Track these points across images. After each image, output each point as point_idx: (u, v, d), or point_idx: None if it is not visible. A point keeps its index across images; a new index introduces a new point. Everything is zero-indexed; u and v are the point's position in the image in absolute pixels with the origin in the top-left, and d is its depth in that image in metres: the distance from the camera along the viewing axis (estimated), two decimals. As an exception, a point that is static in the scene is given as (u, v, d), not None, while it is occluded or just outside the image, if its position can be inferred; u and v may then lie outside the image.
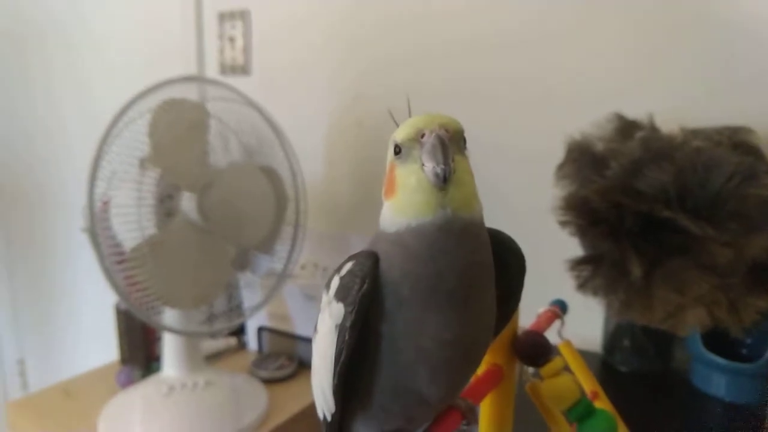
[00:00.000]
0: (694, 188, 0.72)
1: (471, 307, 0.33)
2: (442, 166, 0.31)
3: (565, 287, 0.78)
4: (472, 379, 0.42)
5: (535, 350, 0.41)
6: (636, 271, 0.70)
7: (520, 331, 0.43)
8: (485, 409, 0.43)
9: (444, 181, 0.31)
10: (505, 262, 0.37)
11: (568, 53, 1.01)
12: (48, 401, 1.19)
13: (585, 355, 0.99)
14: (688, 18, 0.92)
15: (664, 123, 0.85)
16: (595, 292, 0.74)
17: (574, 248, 0.80)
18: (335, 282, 0.34)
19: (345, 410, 0.36)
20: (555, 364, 0.41)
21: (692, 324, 0.70)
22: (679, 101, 0.92)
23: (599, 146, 0.82)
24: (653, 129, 0.83)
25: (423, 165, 0.31)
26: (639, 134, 0.80)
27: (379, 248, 0.33)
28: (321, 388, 0.36)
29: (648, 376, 0.93)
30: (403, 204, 0.33)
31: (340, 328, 0.33)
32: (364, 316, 0.33)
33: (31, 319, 2.06)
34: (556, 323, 0.52)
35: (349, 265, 0.34)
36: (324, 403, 0.36)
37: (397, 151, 0.33)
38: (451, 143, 0.32)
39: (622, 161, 0.77)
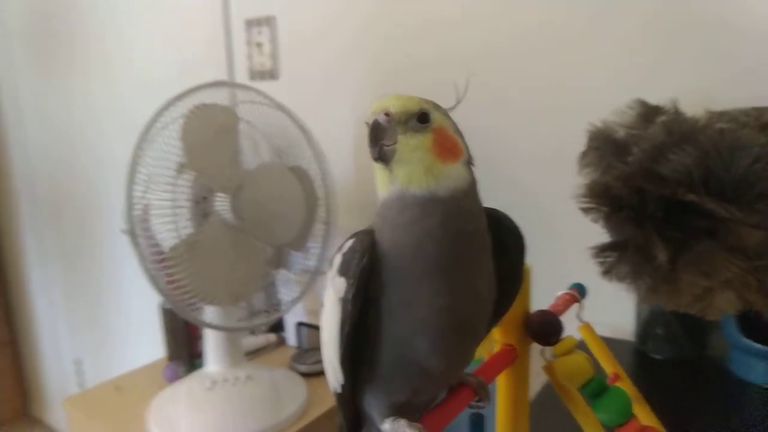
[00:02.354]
0: (719, 171, 0.71)
1: (461, 275, 0.34)
2: (370, 149, 0.35)
3: (593, 275, 0.78)
4: (486, 359, 0.44)
5: (546, 328, 0.42)
6: (661, 255, 0.70)
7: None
8: (501, 389, 0.44)
9: (378, 160, 0.35)
10: (504, 240, 0.39)
11: (590, 44, 1.01)
12: (101, 397, 1.26)
13: (618, 343, 0.99)
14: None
15: (690, 107, 0.84)
16: (620, 279, 0.74)
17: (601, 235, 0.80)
18: (338, 258, 0.37)
19: (354, 382, 0.38)
20: (567, 342, 0.42)
21: (721, 308, 0.69)
22: (705, 84, 0.91)
23: (621, 133, 0.82)
24: (677, 113, 0.82)
25: None
26: (661, 118, 0.80)
27: (374, 222, 0.36)
28: (329, 360, 0.38)
29: (683, 364, 0.92)
30: (377, 180, 0.36)
31: (343, 301, 0.35)
32: (364, 289, 0.35)
33: (86, 321, 2.16)
34: (575, 307, 0.52)
35: (350, 242, 0.36)
36: (333, 375, 0.38)
37: None
38: (394, 125, 0.35)
39: (644, 146, 0.77)
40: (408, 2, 1.20)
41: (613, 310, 0.94)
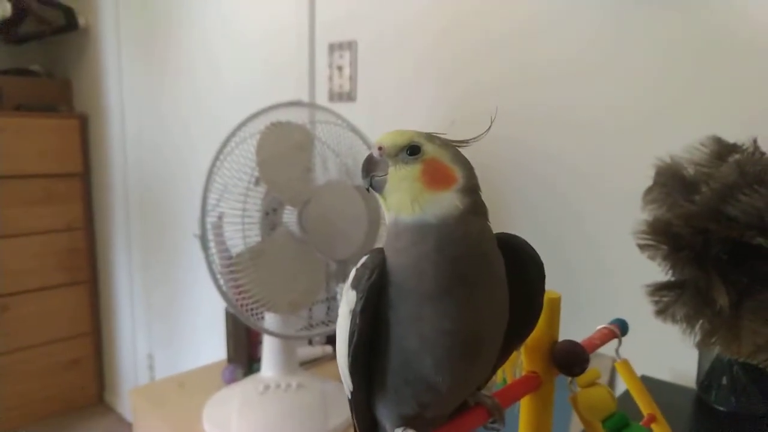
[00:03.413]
0: (795, 215, 0.68)
1: (465, 298, 0.35)
2: (362, 179, 0.40)
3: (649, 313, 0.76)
4: (508, 383, 0.44)
5: (569, 358, 0.41)
6: (722, 299, 0.67)
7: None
8: (523, 415, 0.44)
9: (371, 190, 0.39)
10: (523, 266, 0.39)
11: (667, 76, 0.98)
12: (165, 390, 1.34)
13: (677, 390, 0.94)
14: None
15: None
16: (675, 320, 0.71)
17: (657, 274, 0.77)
18: (352, 273, 0.39)
19: (368, 391, 0.40)
20: (590, 374, 0.41)
21: (786, 360, 0.65)
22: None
23: (690, 170, 0.79)
24: (754, 152, 0.78)
25: None
26: (735, 157, 0.76)
27: (384, 243, 0.39)
28: (341, 368, 0.40)
29: (750, 419, 0.86)
30: None
31: (353, 313, 0.37)
32: (374, 303, 0.37)
33: (161, 318, 2.29)
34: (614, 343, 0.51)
35: (364, 259, 0.38)
36: (344, 382, 0.40)
37: None
38: (386, 158, 0.39)
39: (714, 186, 0.74)
40: (481, 21, 1.21)
41: (676, 353, 0.90)
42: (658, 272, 0.78)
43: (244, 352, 1.37)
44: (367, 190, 0.39)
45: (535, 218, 1.15)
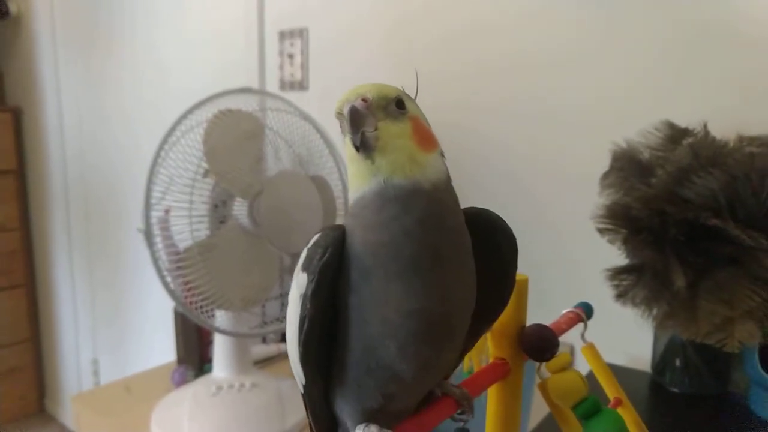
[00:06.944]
0: (747, 196, 0.69)
1: (436, 277, 0.32)
2: (352, 136, 0.32)
3: (608, 297, 0.76)
4: (475, 371, 0.42)
5: (540, 343, 0.39)
6: (679, 281, 0.67)
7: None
8: (491, 405, 0.42)
9: (361, 149, 0.32)
10: (495, 242, 0.37)
11: (618, 61, 0.99)
12: (110, 396, 1.27)
13: (634, 373, 0.95)
14: (743, 18, 0.88)
15: (721, 130, 0.81)
16: (635, 303, 0.71)
17: (617, 258, 0.77)
18: (303, 253, 0.34)
19: (327, 385, 0.37)
20: (561, 359, 0.40)
21: (742, 339, 0.66)
22: (735, 104, 0.87)
23: (645, 154, 0.79)
24: (705, 136, 0.79)
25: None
26: (688, 141, 0.77)
27: (346, 221, 0.34)
28: (292, 359, 0.36)
29: (702, 398, 0.87)
30: (349, 176, 0.34)
31: (303, 298, 0.33)
32: (328, 286, 0.33)
33: (105, 321, 2.19)
34: (580, 327, 0.50)
35: (315, 237, 0.34)
36: (296, 375, 0.37)
37: (341, 126, 0.34)
38: (373, 110, 0.32)
39: (669, 169, 0.75)
40: (433, 14, 1.20)
41: (630, 338, 0.91)
42: (613, 257, 0.78)
43: (194, 353, 1.31)
44: (357, 149, 0.32)
45: (493, 204, 1.14)
